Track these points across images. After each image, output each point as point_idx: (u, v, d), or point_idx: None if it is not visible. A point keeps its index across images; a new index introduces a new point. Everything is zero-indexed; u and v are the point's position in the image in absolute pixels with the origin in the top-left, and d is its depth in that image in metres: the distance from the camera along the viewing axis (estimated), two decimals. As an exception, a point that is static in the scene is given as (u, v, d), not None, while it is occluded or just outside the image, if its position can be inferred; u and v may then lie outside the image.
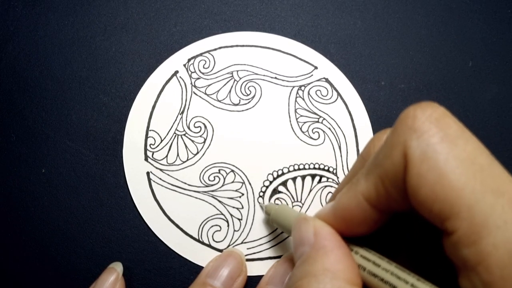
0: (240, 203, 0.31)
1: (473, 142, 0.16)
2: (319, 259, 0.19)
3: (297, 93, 0.32)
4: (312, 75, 0.33)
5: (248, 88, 0.32)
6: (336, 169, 0.31)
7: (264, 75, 0.33)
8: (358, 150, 0.31)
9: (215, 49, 0.33)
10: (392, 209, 0.18)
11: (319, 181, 0.31)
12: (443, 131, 0.16)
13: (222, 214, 0.31)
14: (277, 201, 0.31)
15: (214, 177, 0.31)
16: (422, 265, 0.19)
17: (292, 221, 0.24)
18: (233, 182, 0.31)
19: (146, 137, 0.32)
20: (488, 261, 0.15)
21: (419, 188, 0.16)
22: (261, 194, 0.31)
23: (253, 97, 0.32)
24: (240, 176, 0.31)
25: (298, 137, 0.32)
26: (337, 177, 0.31)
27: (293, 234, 0.21)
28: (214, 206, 0.31)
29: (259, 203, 0.31)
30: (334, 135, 0.32)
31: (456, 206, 0.15)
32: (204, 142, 0.32)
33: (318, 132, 0.32)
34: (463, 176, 0.16)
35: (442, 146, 0.16)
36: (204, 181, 0.31)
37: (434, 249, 0.19)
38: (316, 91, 0.32)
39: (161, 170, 0.31)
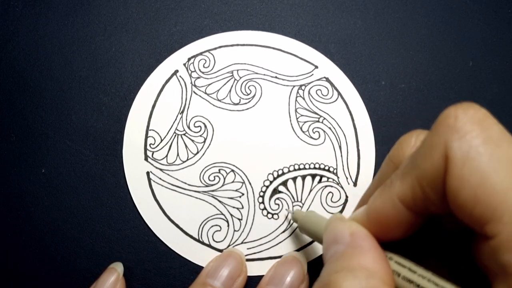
0: (240, 203, 0.31)
1: None
2: (355, 257, 0.18)
3: (298, 92, 0.32)
4: (312, 74, 0.33)
5: (248, 88, 0.32)
6: (336, 169, 0.31)
7: (264, 75, 0.33)
8: (358, 150, 0.31)
9: (215, 48, 0.33)
10: (428, 212, 0.18)
11: (320, 181, 0.31)
12: (485, 133, 0.16)
13: (222, 214, 0.31)
14: (277, 201, 0.31)
15: (214, 177, 0.31)
16: (448, 272, 0.19)
17: (321, 226, 0.24)
18: (233, 182, 0.31)
19: (146, 136, 0.32)
20: None
21: (460, 191, 0.16)
22: (261, 194, 0.31)
23: (253, 96, 0.32)
24: (240, 176, 0.31)
25: (298, 137, 0.32)
26: (338, 177, 0.31)
27: (327, 233, 0.21)
28: (214, 206, 0.31)
29: (286, 210, 0.30)
30: (335, 135, 0.32)
31: (499, 210, 0.15)
32: (204, 141, 0.32)
33: (318, 132, 0.32)
34: (507, 179, 0.15)
35: (485, 148, 0.16)
36: (204, 181, 0.31)
37: (461, 255, 0.19)
38: (316, 91, 0.32)
39: (161, 170, 0.31)
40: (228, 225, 0.30)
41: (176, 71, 0.33)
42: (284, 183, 0.31)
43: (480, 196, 0.15)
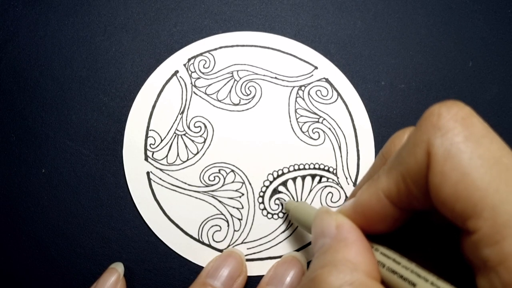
0: (240, 203, 0.31)
1: (498, 142, 0.16)
2: (340, 250, 0.19)
3: (297, 93, 0.32)
4: (312, 75, 0.33)
5: (248, 88, 0.32)
6: (336, 169, 0.31)
7: (264, 75, 0.33)
8: (358, 150, 0.31)
9: (215, 49, 0.33)
10: (412, 207, 0.18)
11: (319, 181, 0.31)
12: (467, 130, 0.16)
13: (222, 214, 0.31)
14: (277, 201, 0.31)
15: (214, 177, 0.31)
16: (438, 265, 0.19)
17: (311, 217, 0.24)
18: (233, 182, 0.31)
19: (146, 137, 0.32)
20: (510, 261, 0.14)
21: (441, 187, 0.16)
22: (261, 194, 0.31)
23: (253, 97, 0.32)
24: (240, 176, 0.31)
25: (298, 137, 0.32)
26: (337, 177, 0.31)
27: (314, 226, 0.21)
28: (214, 206, 0.31)
29: (279, 199, 0.31)
30: (334, 135, 0.32)
31: (479, 206, 0.15)
32: (204, 142, 0.32)
33: (318, 132, 0.32)
34: (487, 175, 0.15)
35: (467, 145, 0.16)
36: (204, 181, 0.31)
37: (450, 249, 0.19)
38: (316, 91, 0.32)
39: (161, 170, 0.31)
40: (228, 225, 0.30)
41: (176, 72, 0.33)
42: (284, 183, 0.31)
43: (461, 192, 0.16)
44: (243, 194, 0.31)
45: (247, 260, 0.30)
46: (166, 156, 0.31)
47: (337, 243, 0.19)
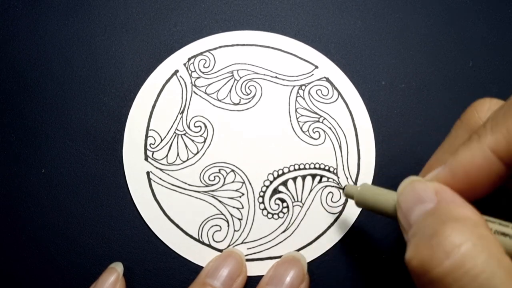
0: (240, 203, 0.31)
1: None
2: (453, 209, 0.18)
3: (298, 92, 0.32)
4: (312, 74, 0.33)
5: (248, 88, 0.32)
6: (336, 169, 0.31)
7: (264, 75, 0.33)
8: (358, 149, 0.31)
9: (215, 48, 0.33)
10: None
11: (320, 181, 0.31)
12: None
13: (222, 214, 0.31)
14: (277, 201, 0.31)
15: (214, 177, 0.31)
16: None
17: (384, 196, 0.23)
18: (233, 182, 0.31)
19: (146, 136, 0.32)
20: None
21: None
22: (262, 194, 0.31)
23: (253, 96, 0.32)
24: (240, 176, 0.31)
25: (298, 137, 0.32)
26: (338, 177, 0.31)
27: (405, 196, 0.20)
28: (214, 206, 0.31)
29: (336, 186, 0.30)
30: (335, 135, 0.32)
31: None
32: (204, 141, 0.32)
33: (318, 132, 0.32)
34: None
35: None
36: (204, 181, 0.31)
37: None
38: (316, 91, 0.32)
39: (161, 169, 0.31)
40: (228, 225, 0.30)
41: (176, 71, 0.33)
42: (284, 183, 0.31)
43: None
44: (243, 194, 0.31)
45: (247, 260, 0.30)
46: (166, 156, 0.31)
47: (446, 204, 0.18)
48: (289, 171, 0.31)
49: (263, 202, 0.31)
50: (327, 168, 0.31)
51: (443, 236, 0.17)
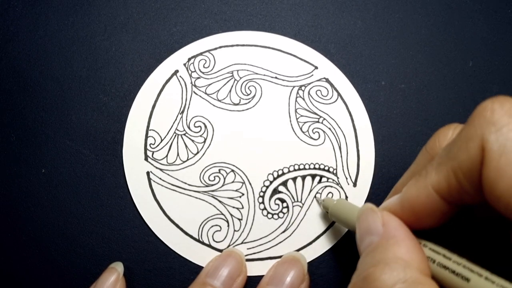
0: (240, 203, 0.31)
1: None
2: (390, 248, 0.19)
3: (298, 93, 0.32)
4: (312, 75, 0.33)
5: (248, 88, 0.32)
6: (336, 169, 0.31)
7: (264, 75, 0.33)
8: (358, 150, 0.31)
9: (215, 49, 0.33)
10: (462, 202, 0.18)
11: (319, 181, 0.31)
12: None
13: (222, 214, 0.31)
14: (277, 201, 0.31)
15: (214, 177, 0.31)
16: (486, 260, 0.19)
17: (352, 214, 0.24)
18: (233, 182, 0.31)
19: (146, 136, 0.32)
20: None
21: (497, 182, 0.16)
22: (261, 194, 0.31)
23: (253, 96, 0.32)
24: (240, 176, 0.31)
25: (298, 137, 0.32)
26: (337, 177, 0.31)
27: (359, 224, 0.21)
28: (214, 206, 0.31)
29: (316, 198, 0.30)
30: (334, 135, 0.32)
31: None
32: (204, 142, 0.32)
33: (318, 132, 0.32)
34: None
35: None
36: (204, 181, 0.31)
37: (497, 242, 0.19)
38: (316, 91, 0.32)
39: (161, 170, 0.31)
40: (228, 225, 0.30)
41: (176, 71, 0.33)
42: (284, 183, 0.31)
43: None
44: (243, 194, 0.31)
45: (247, 260, 0.30)
46: (166, 156, 0.31)
47: (385, 241, 0.19)
48: (289, 171, 0.31)
49: (263, 202, 0.31)
50: (326, 168, 0.31)
51: (372, 279, 0.18)
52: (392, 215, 0.20)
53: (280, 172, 0.31)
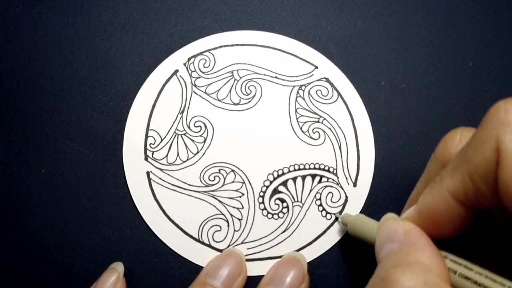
0: (240, 203, 0.31)
1: None
2: (411, 253, 0.18)
3: (298, 92, 0.32)
4: (312, 74, 0.33)
5: (248, 88, 0.32)
6: (336, 169, 0.31)
7: (264, 75, 0.33)
8: (358, 150, 0.31)
9: (216, 48, 0.33)
10: (480, 206, 0.18)
11: (319, 181, 0.31)
12: None
13: (222, 214, 0.31)
14: (277, 201, 0.31)
15: (214, 177, 0.31)
16: (503, 267, 0.19)
17: (371, 228, 0.24)
18: (233, 182, 0.31)
19: (146, 136, 0.32)
20: None
21: None
22: (261, 194, 0.31)
23: (253, 96, 0.32)
24: (240, 176, 0.31)
25: (298, 137, 0.32)
26: (337, 177, 0.31)
27: (381, 233, 0.21)
28: (214, 206, 0.31)
29: (334, 214, 0.30)
30: (335, 135, 0.32)
31: None
32: (204, 141, 0.32)
33: (318, 132, 0.32)
34: None
35: None
36: (204, 181, 0.31)
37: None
38: (316, 91, 0.32)
39: (161, 169, 0.31)
40: (228, 225, 0.30)
41: (176, 71, 0.33)
42: (284, 183, 0.31)
43: None
44: (243, 194, 0.31)
45: (247, 260, 0.30)
46: (166, 156, 0.31)
47: (407, 246, 0.19)
48: (289, 171, 0.31)
49: (263, 202, 0.31)
50: (326, 168, 0.31)
51: (391, 280, 0.17)
52: (413, 224, 0.20)
53: (280, 172, 0.31)
